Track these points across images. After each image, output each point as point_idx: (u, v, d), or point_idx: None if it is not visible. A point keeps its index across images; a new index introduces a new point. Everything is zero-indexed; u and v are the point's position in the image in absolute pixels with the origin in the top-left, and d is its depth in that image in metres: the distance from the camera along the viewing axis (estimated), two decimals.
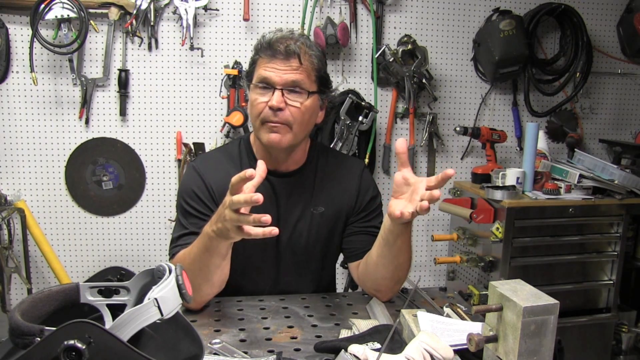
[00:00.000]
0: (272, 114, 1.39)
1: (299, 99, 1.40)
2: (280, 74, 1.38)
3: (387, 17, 2.63)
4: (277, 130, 1.40)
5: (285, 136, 1.40)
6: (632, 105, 2.96)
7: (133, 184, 2.53)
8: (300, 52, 1.39)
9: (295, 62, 1.39)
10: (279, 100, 1.38)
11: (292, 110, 1.39)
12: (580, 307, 2.44)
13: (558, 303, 0.96)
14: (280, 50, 1.39)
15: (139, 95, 2.47)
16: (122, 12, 2.35)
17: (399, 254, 1.36)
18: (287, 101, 1.39)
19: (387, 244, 1.35)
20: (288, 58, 1.39)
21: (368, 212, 1.55)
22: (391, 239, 1.34)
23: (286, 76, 1.38)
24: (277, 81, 1.38)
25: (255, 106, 1.41)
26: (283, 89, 1.39)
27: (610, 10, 2.84)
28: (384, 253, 1.37)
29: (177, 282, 0.87)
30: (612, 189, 2.36)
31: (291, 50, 1.39)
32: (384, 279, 1.42)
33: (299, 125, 1.41)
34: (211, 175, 1.47)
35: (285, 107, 1.39)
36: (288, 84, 1.39)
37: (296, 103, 1.40)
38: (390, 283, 1.42)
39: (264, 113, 1.40)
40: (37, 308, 0.88)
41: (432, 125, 2.70)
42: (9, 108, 2.39)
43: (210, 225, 1.24)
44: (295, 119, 1.40)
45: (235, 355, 1.13)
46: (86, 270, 2.55)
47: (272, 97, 1.38)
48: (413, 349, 1.02)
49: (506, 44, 2.53)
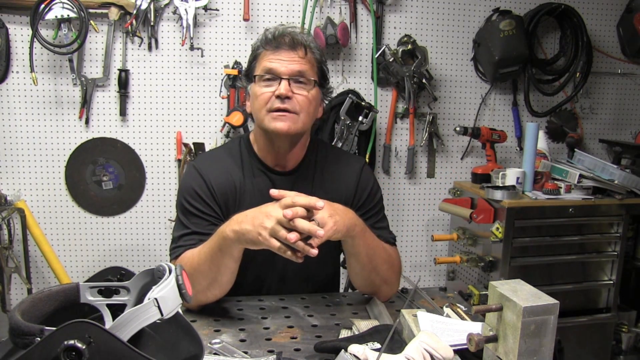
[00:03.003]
0: (280, 102, 1.39)
1: (305, 88, 1.41)
2: (286, 64, 1.40)
3: (387, 17, 2.63)
4: (284, 118, 1.40)
5: (293, 124, 1.40)
6: (632, 105, 2.96)
7: (133, 184, 2.53)
8: (305, 43, 1.42)
9: (300, 53, 1.41)
10: (286, 89, 1.38)
11: (299, 98, 1.40)
12: (580, 307, 2.44)
13: (558, 303, 0.96)
14: (286, 42, 1.41)
15: (139, 95, 2.47)
16: (122, 12, 2.34)
17: (368, 259, 1.37)
18: (294, 90, 1.40)
19: (351, 255, 1.38)
20: (294, 49, 1.41)
21: (367, 210, 1.53)
22: (350, 249, 1.36)
23: (292, 66, 1.40)
24: (284, 71, 1.39)
25: (260, 97, 1.41)
26: (290, 78, 1.39)
27: (610, 10, 2.84)
28: (352, 263, 1.40)
29: (177, 282, 0.87)
30: (612, 189, 2.36)
31: (297, 41, 1.41)
32: (367, 285, 1.43)
33: (305, 114, 1.42)
34: (212, 174, 1.47)
35: (293, 96, 1.39)
36: (294, 73, 1.40)
37: (303, 91, 1.41)
38: (375, 286, 1.43)
39: (271, 102, 1.40)
40: (37, 308, 0.88)
41: (432, 125, 2.70)
42: (9, 108, 2.39)
43: (229, 226, 1.24)
44: (302, 107, 1.41)
45: (235, 355, 1.13)
46: (86, 270, 2.55)
47: (279, 87, 1.39)
48: (413, 349, 1.02)
49: (506, 44, 2.53)
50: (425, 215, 2.83)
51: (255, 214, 1.22)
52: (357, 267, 1.39)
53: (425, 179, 2.79)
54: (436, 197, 2.79)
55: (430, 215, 2.82)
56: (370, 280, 1.41)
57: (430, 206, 2.82)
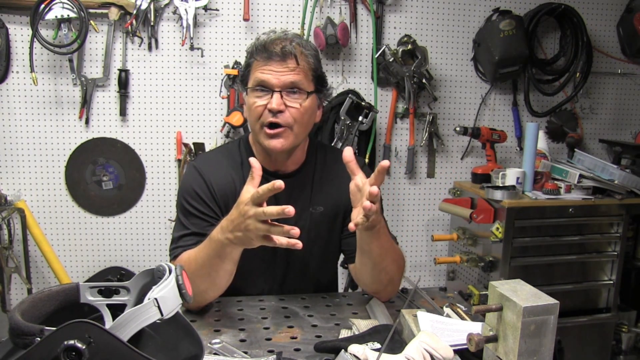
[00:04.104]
0: (272, 116, 1.37)
1: (298, 100, 1.39)
2: (278, 76, 1.37)
3: (387, 17, 2.63)
4: (278, 135, 1.39)
5: (286, 140, 1.40)
6: (632, 105, 2.96)
7: (133, 184, 2.53)
8: (296, 53, 1.38)
9: (292, 63, 1.38)
10: (278, 103, 1.36)
11: (292, 111, 1.38)
12: (580, 307, 2.44)
13: (558, 303, 0.96)
14: (276, 52, 1.37)
15: (139, 95, 2.47)
16: (122, 12, 2.34)
17: (380, 259, 1.36)
18: (287, 103, 1.38)
19: (364, 252, 1.36)
20: (285, 59, 1.37)
21: None
22: (365, 246, 1.34)
23: (284, 78, 1.37)
24: (275, 83, 1.37)
25: (254, 109, 1.40)
26: (282, 91, 1.37)
27: (610, 10, 2.84)
28: (364, 260, 1.38)
29: (177, 282, 0.88)
30: (612, 189, 2.36)
31: (287, 51, 1.37)
32: (374, 283, 1.42)
33: (299, 126, 1.41)
34: (212, 174, 1.46)
35: (285, 109, 1.38)
36: (286, 85, 1.38)
37: (296, 104, 1.39)
38: (382, 285, 1.42)
39: (264, 116, 1.39)
40: (37, 308, 0.88)
41: (432, 125, 2.70)
42: (9, 108, 2.39)
43: (223, 233, 1.22)
44: (296, 120, 1.39)
45: (235, 355, 1.13)
46: (86, 270, 2.55)
47: (271, 100, 1.37)
48: (413, 349, 1.02)
49: (506, 44, 2.53)
50: (425, 215, 2.83)
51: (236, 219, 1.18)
52: (368, 265, 1.38)
53: (425, 179, 2.79)
54: (436, 197, 2.79)
55: (430, 215, 2.82)
56: (378, 279, 1.40)
57: (430, 206, 2.82)
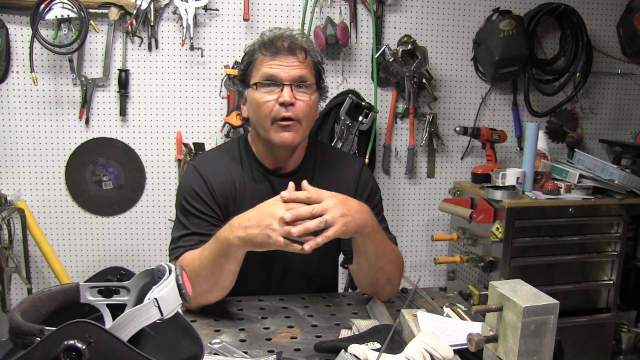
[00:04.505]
0: (284, 109, 1.37)
1: (306, 93, 1.40)
2: (287, 70, 1.38)
3: (387, 17, 2.63)
4: (289, 128, 1.39)
5: (297, 134, 1.40)
6: (632, 105, 2.96)
7: (133, 184, 2.53)
8: (304, 47, 1.41)
9: (300, 57, 1.40)
10: (290, 95, 1.37)
11: (301, 105, 1.39)
12: (580, 307, 2.44)
13: (558, 303, 0.96)
14: (284, 47, 1.39)
15: (139, 95, 2.47)
16: (122, 12, 2.34)
17: (376, 259, 1.35)
18: (296, 96, 1.39)
19: (359, 252, 1.36)
20: (293, 53, 1.39)
21: None
22: (360, 247, 1.34)
23: (293, 72, 1.38)
24: (285, 77, 1.38)
25: (264, 105, 1.39)
26: (291, 84, 1.38)
27: (610, 10, 2.84)
28: (360, 261, 1.38)
29: (177, 282, 0.87)
30: (612, 189, 2.36)
31: (296, 46, 1.39)
32: (372, 284, 1.42)
33: (307, 120, 1.42)
34: (212, 174, 1.46)
35: (295, 102, 1.38)
36: (295, 79, 1.39)
37: (305, 97, 1.40)
38: (380, 286, 1.42)
39: (275, 111, 1.38)
40: (37, 308, 0.88)
41: (432, 125, 2.70)
42: (9, 108, 2.39)
43: (232, 232, 1.22)
44: (305, 114, 1.40)
45: (235, 355, 1.13)
46: (86, 270, 2.55)
47: (281, 94, 1.37)
48: (413, 349, 1.02)
49: (506, 44, 2.53)
50: (425, 215, 2.83)
51: (260, 216, 1.20)
52: (364, 266, 1.38)
53: (425, 179, 2.80)
54: (436, 197, 2.79)
55: (430, 215, 2.82)
56: (375, 279, 1.40)
57: (430, 206, 2.82)
